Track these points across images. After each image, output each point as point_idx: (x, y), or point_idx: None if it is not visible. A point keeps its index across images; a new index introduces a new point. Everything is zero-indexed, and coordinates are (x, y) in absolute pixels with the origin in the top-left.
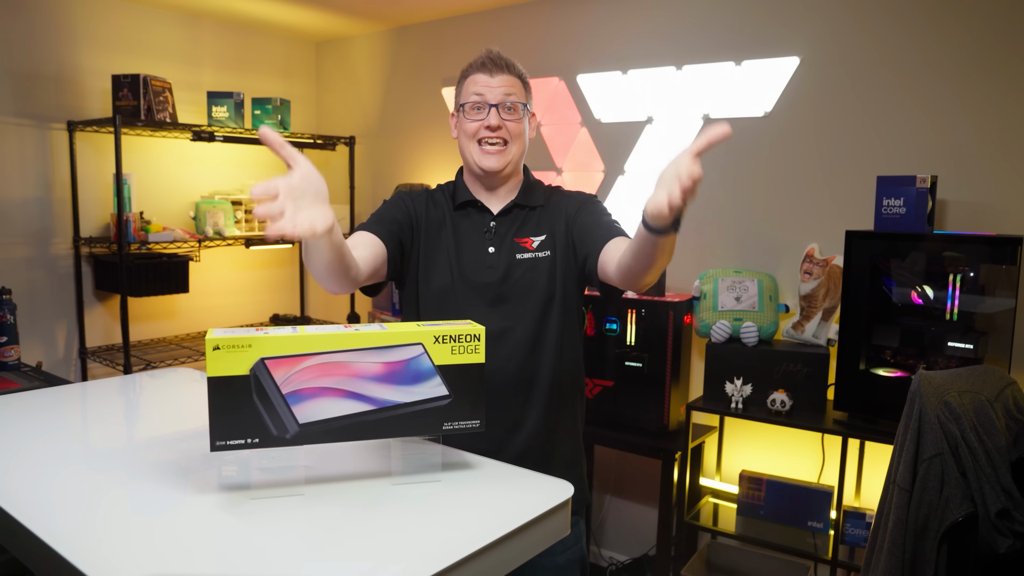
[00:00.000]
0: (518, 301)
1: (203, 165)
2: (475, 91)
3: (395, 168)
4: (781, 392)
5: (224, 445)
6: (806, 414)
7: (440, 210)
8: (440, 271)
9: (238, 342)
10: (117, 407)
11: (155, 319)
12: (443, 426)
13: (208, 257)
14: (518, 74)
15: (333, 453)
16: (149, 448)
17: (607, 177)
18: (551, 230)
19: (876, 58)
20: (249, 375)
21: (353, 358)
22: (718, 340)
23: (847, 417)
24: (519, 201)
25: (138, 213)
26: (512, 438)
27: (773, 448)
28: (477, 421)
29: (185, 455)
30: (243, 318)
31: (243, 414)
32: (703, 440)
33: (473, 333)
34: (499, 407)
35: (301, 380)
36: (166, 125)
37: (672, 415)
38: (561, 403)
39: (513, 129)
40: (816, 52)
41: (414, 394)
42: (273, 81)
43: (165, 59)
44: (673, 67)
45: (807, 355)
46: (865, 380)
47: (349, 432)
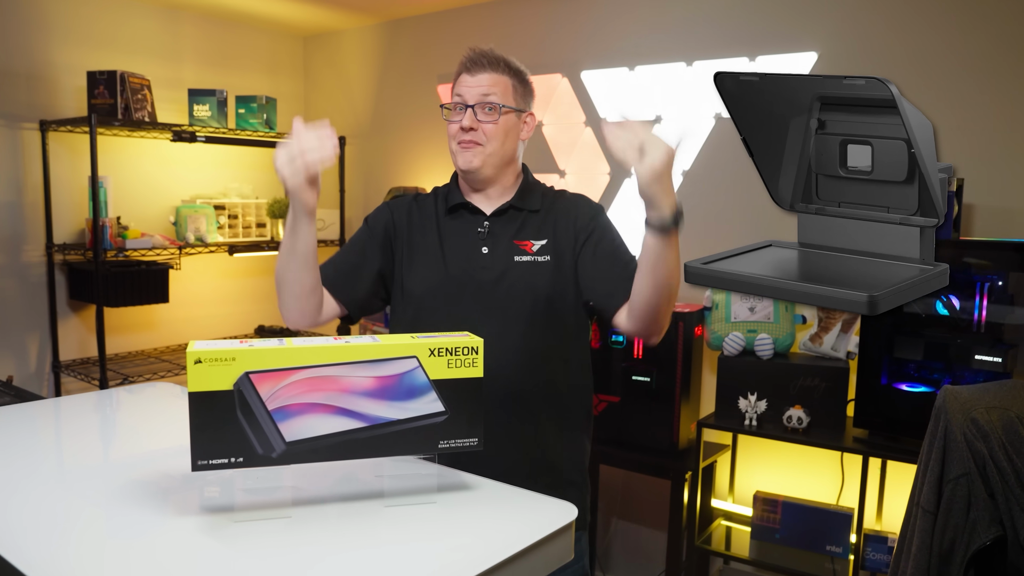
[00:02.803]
0: (515, 305)
1: (184, 167)
2: (456, 91)
3: (388, 170)
4: (798, 408)
5: (206, 464)
6: (824, 431)
7: (427, 213)
8: (426, 272)
9: (221, 355)
10: (93, 424)
11: (133, 331)
12: (439, 444)
13: (189, 265)
14: (507, 71)
15: (322, 473)
16: (126, 467)
17: (613, 180)
18: (553, 235)
19: (899, 53)
20: (233, 390)
21: (343, 372)
22: (731, 353)
23: (868, 435)
24: (515, 203)
25: (115, 218)
26: (512, 456)
27: (789, 468)
28: (475, 439)
29: (165, 475)
30: (226, 330)
31: (226, 431)
32: (715, 459)
33: (471, 345)
34: (496, 422)
35: (288, 395)
36: (144, 124)
37: (682, 433)
38: (565, 418)
39: (489, 131)
40: (835, 47)
41: (408, 410)
42: (258, 78)
43: (143, 54)
44: (683, 63)
45: (825, 369)
46: (887, 395)
47: (339, 451)
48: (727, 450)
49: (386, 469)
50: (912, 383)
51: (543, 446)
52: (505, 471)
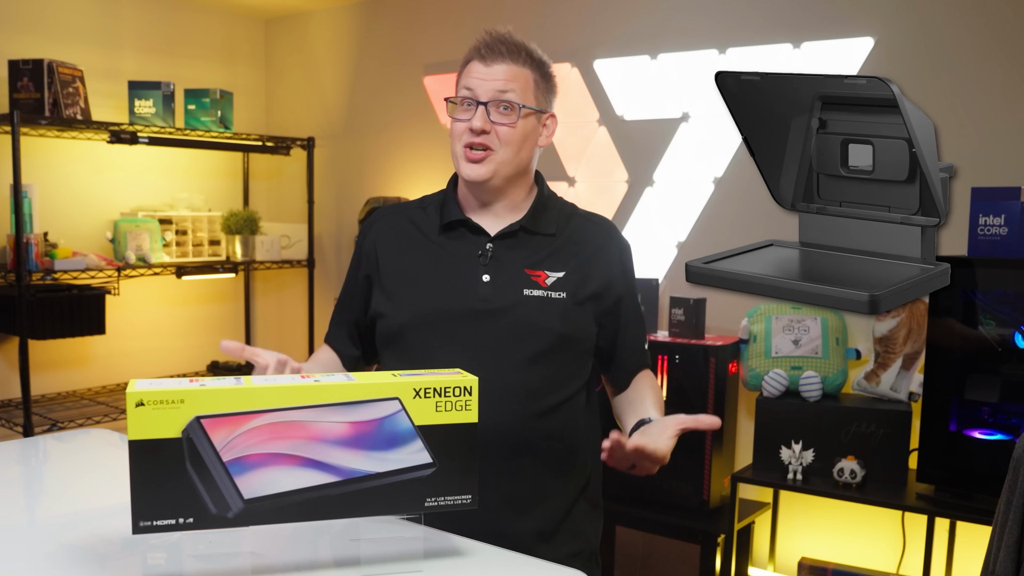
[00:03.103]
0: (519, 345)
1: (124, 173)
2: (466, 84)
3: (365, 178)
4: (851, 459)
5: (150, 526)
6: (882, 487)
7: (413, 229)
8: (412, 303)
9: (167, 396)
10: (15, 478)
11: (63, 367)
12: (425, 502)
13: (130, 289)
14: (529, 62)
15: (287, 537)
16: (56, 530)
17: (631, 189)
18: (573, 271)
19: (971, 39)
20: (181, 438)
21: (312, 416)
22: (771, 394)
23: (934, 491)
24: (526, 224)
25: (42, 234)
26: (510, 516)
27: (841, 530)
28: (468, 496)
29: (101, 539)
30: (174, 366)
31: (174, 487)
32: (752, 520)
33: (463, 385)
34: (494, 476)
35: (247, 444)
36: (77, 123)
37: (713, 488)
38: (571, 473)
39: (504, 135)
40: (895, 31)
41: (389, 462)
42: (211, 68)
43: (75, 41)
44: (715, 50)
45: (883, 413)
46: (957, 444)
47: (307, 510)
48: (767, 509)
49: (363, 532)
50: (987, 430)
51: (548, 505)
52: (504, 534)
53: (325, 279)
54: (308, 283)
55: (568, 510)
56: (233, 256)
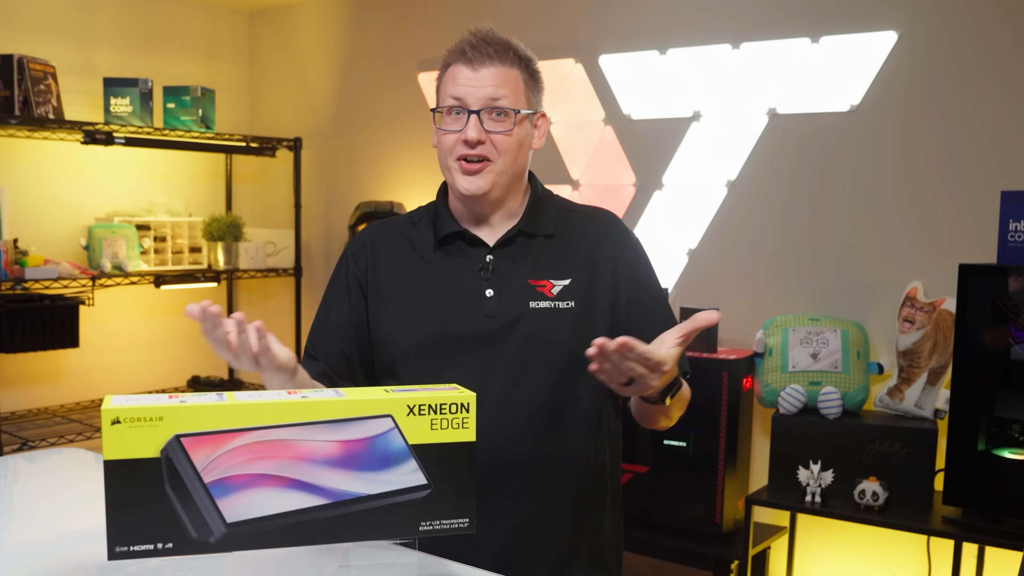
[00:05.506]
0: (528, 362)
1: (99, 176)
2: (453, 92)
3: (355, 181)
4: (873, 481)
5: (127, 552)
6: (906, 510)
7: (407, 246)
8: (410, 325)
9: (145, 414)
10: None
11: (34, 383)
12: (420, 526)
13: (105, 300)
14: (517, 62)
15: (272, 563)
16: (26, 555)
17: (639, 192)
18: (579, 274)
19: (1003, 33)
20: (160, 458)
21: (300, 435)
22: (788, 411)
23: (961, 514)
24: (523, 227)
25: (11, 241)
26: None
27: (862, 556)
28: (466, 519)
29: (75, 565)
30: (152, 381)
31: (152, 510)
32: (768, 545)
33: (460, 402)
34: (499, 501)
35: (229, 465)
36: (49, 122)
37: (727, 511)
38: (584, 497)
39: (501, 144)
40: (921, 25)
41: (381, 483)
42: (192, 64)
43: (47, 34)
44: (728, 45)
45: (907, 431)
46: (986, 464)
47: (294, 535)
48: (783, 533)
49: (354, 558)
50: (1017, 450)
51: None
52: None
53: (313, 289)
54: (295, 293)
55: (591, 538)
56: (215, 264)
